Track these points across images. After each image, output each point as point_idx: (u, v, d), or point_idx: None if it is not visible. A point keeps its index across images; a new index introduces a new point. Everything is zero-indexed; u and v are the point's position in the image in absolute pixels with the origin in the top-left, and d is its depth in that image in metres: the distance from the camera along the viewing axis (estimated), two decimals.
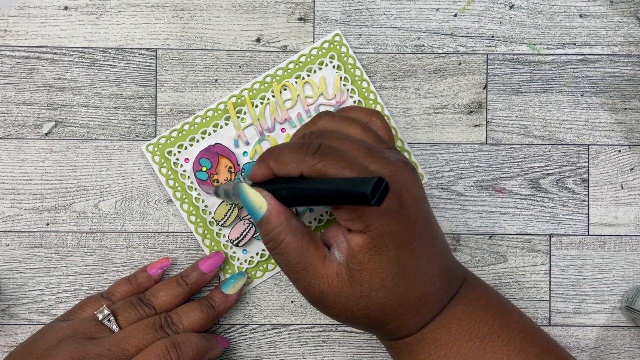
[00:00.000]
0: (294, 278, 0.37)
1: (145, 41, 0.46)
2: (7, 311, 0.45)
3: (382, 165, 0.36)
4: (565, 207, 0.47)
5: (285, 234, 0.36)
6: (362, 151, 0.36)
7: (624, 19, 0.47)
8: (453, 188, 0.47)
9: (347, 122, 0.39)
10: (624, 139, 0.47)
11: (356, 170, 0.34)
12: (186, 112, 0.46)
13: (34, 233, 0.46)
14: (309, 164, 0.35)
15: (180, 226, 0.46)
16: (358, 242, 0.35)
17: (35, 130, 0.46)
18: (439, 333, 0.37)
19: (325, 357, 0.46)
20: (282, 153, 0.36)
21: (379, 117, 0.40)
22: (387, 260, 0.35)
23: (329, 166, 0.34)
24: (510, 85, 0.47)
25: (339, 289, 0.36)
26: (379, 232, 0.34)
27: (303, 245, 0.36)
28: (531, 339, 0.38)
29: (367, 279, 0.35)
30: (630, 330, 0.47)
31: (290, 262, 0.36)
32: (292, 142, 0.37)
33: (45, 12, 0.46)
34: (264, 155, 0.38)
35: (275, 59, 0.47)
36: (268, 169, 0.37)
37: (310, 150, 0.35)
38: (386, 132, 0.40)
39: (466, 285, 0.39)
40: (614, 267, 0.47)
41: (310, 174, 0.35)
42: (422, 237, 0.36)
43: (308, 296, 0.37)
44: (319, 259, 0.36)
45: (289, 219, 0.36)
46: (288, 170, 0.36)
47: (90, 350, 0.38)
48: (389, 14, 0.47)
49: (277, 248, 0.36)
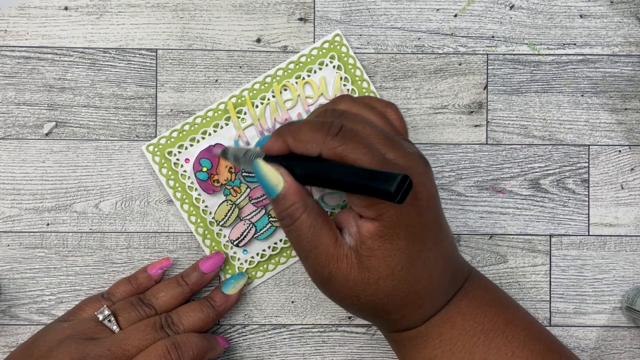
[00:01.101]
0: (304, 256, 0.37)
1: (145, 41, 0.46)
2: (7, 311, 0.45)
3: (399, 154, 0.35)
4: (565, 207, 0.47)
5: (300, 211, 0.36)
6: (381, 138, 0.36)
7: (624, 19, 0.47)
8: (453, 188, 0.47)
9: (366, 107, 0.38)
10: (624, 139, 0.47)
11: (375, 157, 0.34)
12: (186, 112, 0.46)
13: (34, 233, 0.46)
14: (329, 145, 0.34)
15: (180, 226, 0.46)
16: (369, 228, 0.35)
17: (35, 130, 0.46)
18: (444, 327, 0.37)
19: (325, 357, 0.46)
20: (301, 130, 0.36)
21: (395, 109, 0.40)
22: (396, 249, 0.35)
23: (349, 150, 0.34)
24: (510, 85, 0.47)
25: (347, 271, 0.35)
26: (391, 221, 0.34)
27: (316, 224, 0.36)
28: (535, 337, 0.38)
29: (375, 265, 0.35)
30: (630, 330, 0.47)
31: (303, 239, 0.36)
32: (312, 120, 0.37)
33: (45, 12, 0.46)
34: (281, 129, 0.37)
35: (275, 59, 0.47)
36: (285, 144, 0.36)
37: (331, 131, 0.35)
38: (400, 123, 0.40)
39: (470, 281, 0.39)
40: (614, 267, 0.47)
41: (329, 156, 0.35)
42: (432, 230, 0.36)
43: (316, 275, 0.37)
44: (330, 240, 0.36)
45: (305, 197, 0.36)
46: (306, 148, 0.35)
47: (90, 351, 0.38)
48: (389, 14, 0.47)
49: (292, 225, 0.36)
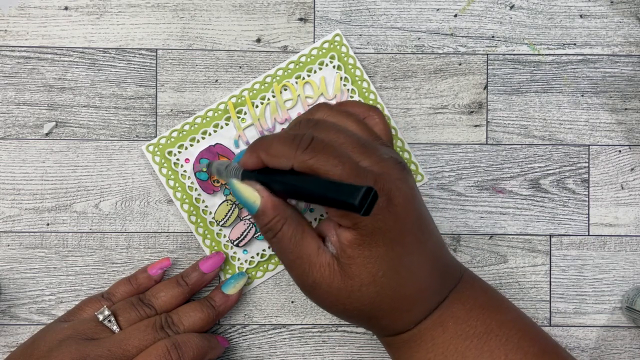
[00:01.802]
0: (289, 265, 0.37)
1: (145, 41, 0.46)
2: (7, 311, 0.45)
3: (373, 161, 0.36)
4: (565, 207, 0.47)
5: (280, 223, 0.36)
6: (355, 146, 0.36)
7: (624, 19, 0.47)
8: (453, 188, 0.47)
9: (343, 115, 0.39)
10: (624, 139, 0.47)
11: (347, 167, 0.34)
12: (186, 112, 0.46)
13: (34, 233, 0.46)
14: (299, 159, 0.35)
15: (180, 226, 0.46)
16: (347, 237, 0.35)
17: (35, 130, 0.46)
18: (436, 331, 0.37)
19: (325, 357, 0.46)
20: (272, 145, 0.36)
21: (377, 112, 0.40)
22: (376, 256, 0.35)
23: (320, 163, 0.34)
24: (510, 85, 0.47)
25: (330, 279, 0.36)
26: (367, 229, 0.35)
27: (297, 234, 0.36)
28: (529, 338, 0.38)
29: (357, 273, 0.35)
30: (630, 330, 0.47)
31: (285, 250, 0.37)
32: (283, 133, 0.37)
33: (45, 12, 0.46)
34: (254, 144, 0.37)
35: (275, 59, 0.47)
36: (258, 159, 0.37)
37: (301, 145, 0.35)
38: (382, 128, 0.40)
39: (463, 283, 0.39)
40: (614, 267, 0.47)
41: (301, 169, 0.35)
42: (412, 233, 0.36)
43: (301, 284, 0.37)
44: (312, 249, 0.36)
45: (284, 209, 0.37)
46: (279, 162, 0.36)
47: (90, 351, 0.38)
48: (389, 14, 0.47)
49: (274, 237, 0.37)
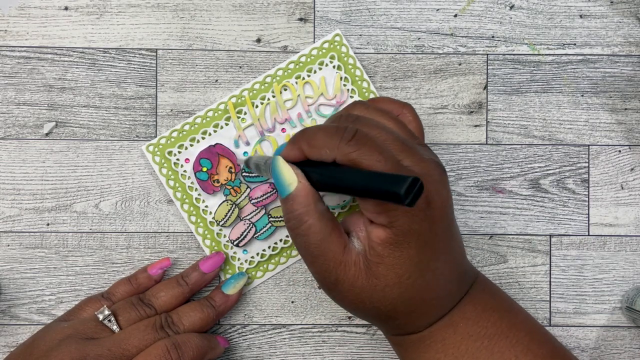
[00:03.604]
0: (310, 261, 0.36)
1: (145, 41, 0.46)
2: (7, 311, 0.45)
3: (415, 161, 0.35)
4: (565, 207, 0.47)
5: (309, 215, 0.35)
6: (397, 144, 0.35)
7: (624, 19, 0.47)
8: (453, 188, 0.47)
9: (379, 112, 0.38)
10: (624, 139, 0.47)
11: (390, 163, 0.33)
12: (186, 112, 0.46)
13: (34, 233, 0.46)
14: (342, 151, 0.34)
15: (180, 226, 0.46)
16: (379, 234, 0.34)
17: (35, 130, 0.46)
18: (447, 332, 0.37)
19: (325, 357, 0.46)
20: (315, 136, 0.35)
21: (411, 110, 0.39)
22: (406, 257, 0.34)
23: (363, 156, 0.33)
24: (510, 85, 0.47)
25: (355, 278, 0.35)
26: (403, 229, 0.34)
27: (325, 230, 0.35)
28: (539, 341, 0.38)
29: (384, 273, 0.35)
30: (630, 330, 0.47)
31: (310, 244, 0.36)
32: (326, 125, 0.36)
33: (45, 12, 0.46)
34: (297, 136, 0.37)
35: (275, 59, 0.47)
36: (300, 151, 0.36)
37: (345, 137, 0.34)
38: (417, 126, 0.39)
39: (476, 286, 0.39)
40: (614, 267, 0.47)
41: (343, 162, 0.34)
42: (443, 240, 0.36)
43: (322, 281, 0.37)
44: (339, 246, 0.35)
45: (316, 202, 0.36)
46: (321, 154, 0.35)
47: (90, 351, 0.38)
48: (389, 14, 0.47)
49: (299, 228, 0.36)
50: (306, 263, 0.37)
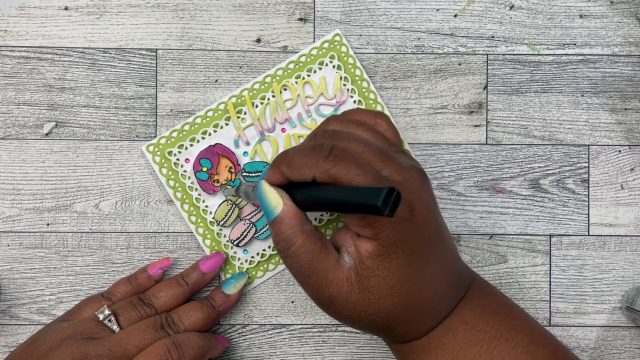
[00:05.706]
0: (302, 281, 0.36)
1: (145, 41, 0.46)
2: (7, 311, 0.45)
3: (394, 170, 0.35)
4: (565, 207, 0.47)
5: (297, 236, 0.35)
6: (375, 154, 0.35)
7: (624, 19, 0.47)
8: (453, 188, 0.47)
9: (355, 125, 0.38)
10: (624, 139, 0.47)
11: (369, 175, 0.33)
12: (186, 112, 0.46)
13: (34, 233, 0.46)
14: (320, 168, 0.34)
15: (181, 226, 0.46)
16: (367, 248, 0.34)
17: (35, 130, 0.46)
18: (446, 337, 0.37)
19: (325, 357, 0.46)
20: (293, 157, 0.36)
21: (384, 118, 0.39)
22: (395, 267, 0.34)
23: (341, 171, 0.34)
24: (510, 85, 0.47)
25: (348, 294, 0.35)
26: (389, 239, 0.34)
27: (315, 250, 0.35)
28: (538, 342, 0.38)
29: (376, 285, 0.35)
30: (630, 330, 0.47)
31: (301, 265, 0.36)
32: (303, 145, 0.37)
33: (45, 12, 0.46)
34: (276, 160, 0.37)
35: (275, 58, 0.47)
36: (281, 174, 0.36)
37: (322, 154, 0.34)
38: (393, 134, 0.39)
39: (473, 289, 0.39)
40: (614, 267, 0.47)
41: (324, 179, 0.34)
42: (432, 244, 0.36)
43: (316, 299, 0.37)
44: (329, 264, 0.35)
45: (302, 222, 0.36)
46: (301, 175, 0.35)
47: (91, 350, 0.38)
48: (389, 14, 0.47)
49: (288, 250, 0.36)
50: (299, 283, 0.37)
